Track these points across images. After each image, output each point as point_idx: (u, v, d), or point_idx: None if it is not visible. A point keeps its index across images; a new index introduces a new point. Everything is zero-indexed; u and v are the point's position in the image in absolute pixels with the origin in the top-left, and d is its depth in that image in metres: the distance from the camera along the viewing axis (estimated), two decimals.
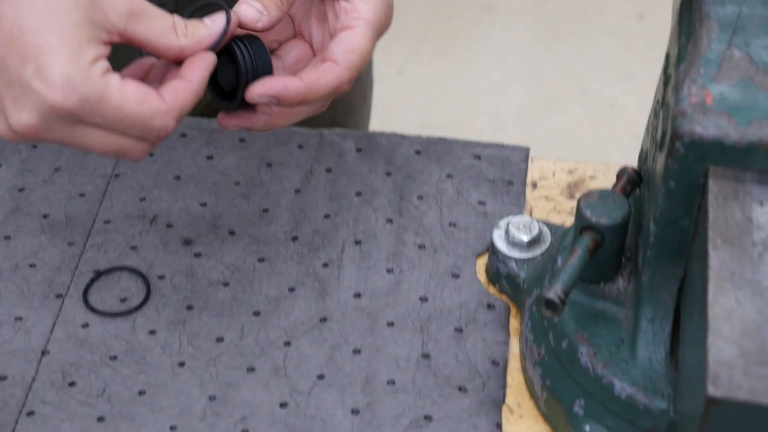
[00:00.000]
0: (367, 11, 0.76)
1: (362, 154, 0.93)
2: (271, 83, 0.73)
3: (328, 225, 0.88)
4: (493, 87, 2.64)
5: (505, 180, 0.91)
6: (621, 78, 2.65)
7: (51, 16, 0.66)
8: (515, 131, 2.53)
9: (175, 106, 0.69)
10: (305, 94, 0.74)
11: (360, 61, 0.76)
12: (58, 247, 0.86)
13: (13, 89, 0.66)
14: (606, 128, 2.53)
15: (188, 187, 0.90)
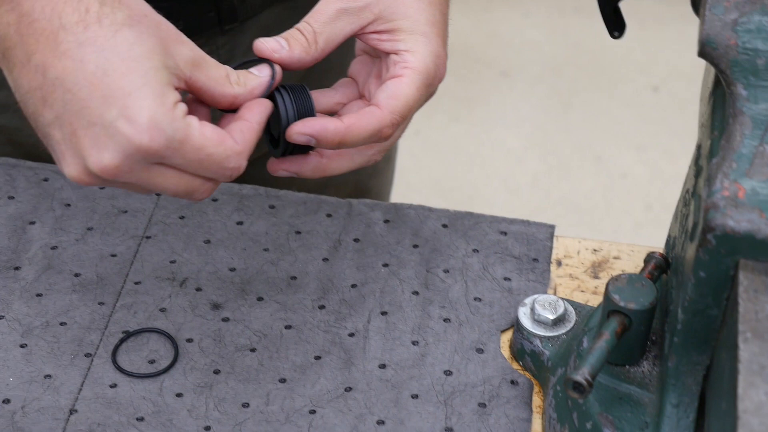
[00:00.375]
0: (415, 61, 0.78)
1: (390, 225, 0.95)
2: (311, 123, 0.75)
3: (354, 295, 0.89)
4: (507, 152, 2.66)
5: (531, 257, 0.92)
6: (634, 148, 2.67)
7: (134, 59, 0.67)
8: (529, 197, 2.55)
9: (246, 147, 0.72)
10: (344, 134, 0.75)
11: (404, 106, 0.77)
12: (89, 307, 0.87)
13: (93, 131, 0.68)
14: (618, 198, 2.55)
15: (218, 252, 0.92)
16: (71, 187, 0.96)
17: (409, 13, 0.78)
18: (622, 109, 2.77)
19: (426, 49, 0.78)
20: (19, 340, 0.84)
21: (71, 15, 0.68)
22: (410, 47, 0.78)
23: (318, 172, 0.79)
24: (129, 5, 0.69)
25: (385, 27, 0.79)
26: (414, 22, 0.78)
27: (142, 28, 0.69)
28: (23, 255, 0.91)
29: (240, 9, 1.01)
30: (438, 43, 0.79)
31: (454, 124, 2.73)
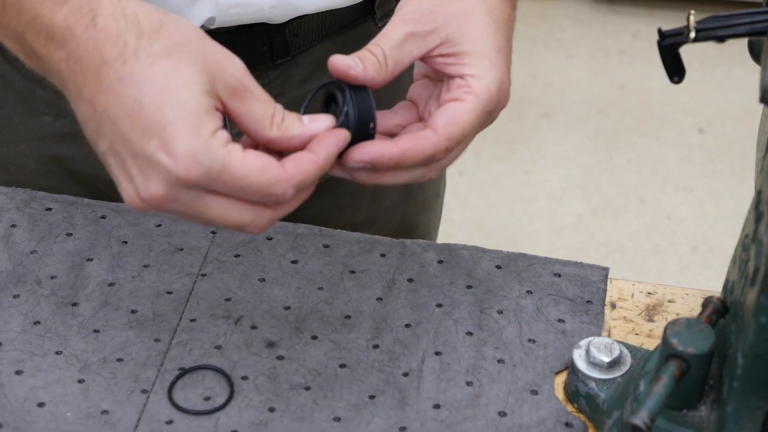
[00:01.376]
0: (478, 87, 0.77)
1: (443, 265, 0.95)
2: (367, 150, 0.75)
3: (408, 335, 0.89)
4: (550, 193, 2.66)
5: (585, 299, 0.92)
6: (679, 190, 2.66)
7: (168, 90, 0.69)
8: (572, 238, 2.54)
9: (295, 175, 0.72)
10: (399, 160, 0.76)
11: (461, 133, 0.77)
12: (145, 343, 0.88)
13: (138, 161, 0.70)
14: (663, 240, 2.54)
15: (273, 290, 0.93)
16: (128, 224, 0.97)
17: (476, 38, 0.78)
18: (667, 151, 2.77)
19: (490, 75, 0.78)
20: (76, 376, 0.85)
21: (111, 51, 0.69)
22: (475, 72, 0.78)
23: (371, 180, 0.78)
24: (169, 35, 0.70)
25: (451, 50, 0.78)
26: (481, 47, 0.78)
27: (182, 56, 0.70)
28: (81, 291, 0.92)
29: (292, 43, 1.02)
30: (503, 69, 0.79)
31: (497, 164, 2.73)
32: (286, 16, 0.98)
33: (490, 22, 0.79)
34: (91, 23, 0.70)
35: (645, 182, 2.69)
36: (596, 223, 2.59)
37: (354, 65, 0.76)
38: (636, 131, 2.83)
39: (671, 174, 2.71)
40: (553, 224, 2.58)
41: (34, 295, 0.91)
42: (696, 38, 0.73)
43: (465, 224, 2.56)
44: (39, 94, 1.02)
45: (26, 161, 1.05)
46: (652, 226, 2.58)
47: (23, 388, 0.84)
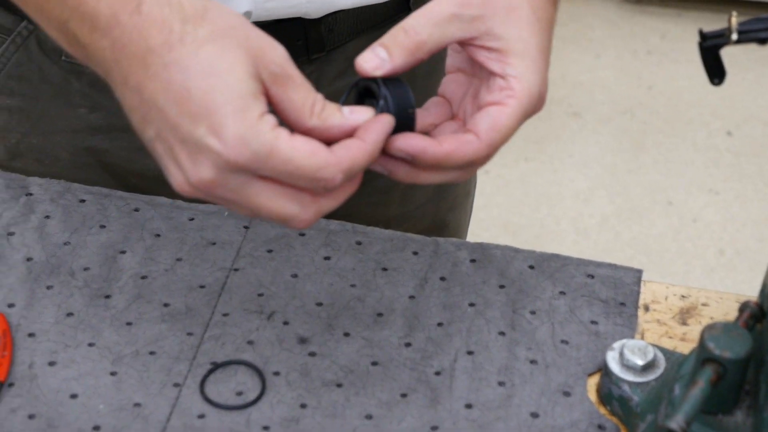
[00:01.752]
0: (521, 90, 0.76)
1: (476, 265, 0.95)
2: (414, 141, 0.74)
3: (441, 333, 0.89)
4: (577, 193, 2.65)
5: (618, 301, 0.92)
6: (706, 192, 2.65)
7: (214, 75, 0.69)
8: (597, 238, 2.54)
9: (343, 160, 0.71)
10: (441, 160, 0.75)
11: (502, 140, 0.76)
12: (178, 337, 0.88)
13: (187, 147, 0.70)
14: (689, 242, 2.53)
15: (305, 286, 0.92)
16: (161, 218, 0.97)
17: (522, 36, 0.77)
18: (695, 153, 2.76)
19: (533, 78, 0.76)
20: (109, 368, 0.85)
21: (157, 37, 0.70)
22: (519, 73, 0.76)
23: (409, 178, 0.78)
24: (213, 20, 0.70)
25: (495, 45, 0.77)
26: (525, 47, 0.76)
27: (226, 42, 0.70)
28: (114, 284, 0.92)
29: (327, 38, 1.02)
30: (544, 72, 0.77)
31: (523, 162, 2.72)
32: (322, 11, 0.98)
33: (535, 21, 0.77)
34: (136, 10, 0.70)
35: (672, 184, 2.68)
36: (622, 224, 2.58)
37: (381, 64, 0.76)
38: (663, 132, 2.82)
39: (698, 176, 2.70)
40: (578, 224, 2.57)
41: (67, 287, 0.91)
42: (738, 40, 0.73)
43: (491, 223, 2.55)
44: (75, 86, 1.02)
45: (61, 153, 1.05)
46: (679, 228, 2.57)
47: (56, 379, 0.84)
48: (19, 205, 0.98)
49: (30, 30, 1.01)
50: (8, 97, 1.05)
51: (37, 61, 1.02)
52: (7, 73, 1.04)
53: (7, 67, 1.03)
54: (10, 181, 1.00)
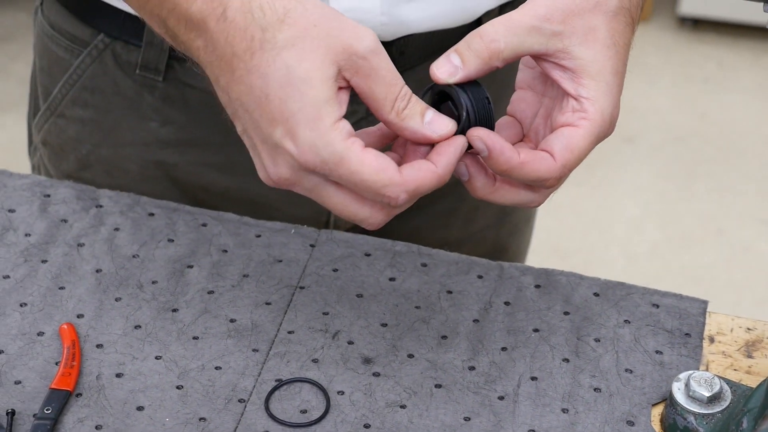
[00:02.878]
0: (594, 113, 0.76)
1: (541, 290, 0.95)
2: (493, 136, 0.75)
3: (504, 358, 0.89)
4: (627, 219, 2.64)
5: (683, 332, 0.91)
6: (758, 223, 2.64)
7: (291, 84, 0.72)
8: (647, 265, 2.53)
9: (410, 182, 0.73)
10: (514, 167, 0.75)
11: (576, 161, 0.77)
12: (243, 353, 0.89)
13: (267, 146, 0.74)
14: (740, 272, 2.51)
15: (370, 306, 0.93)
16: (228, 233, 0.98)
17: (598, 58, 0.77)
18: (747, 183, 2.74)
19: (606, 101, 0.77)
20: (175, 382, 0.86)
21: (240, 44, 0.73)
22: (592, 95, 0.76)
23: (484, 191, 0.78)
24: (293, 22, 0.72)
25: (571, 65, 0.77)
26: (601, 69, 0.77)
27: (305, 45, 0.72)
28: (181, 298, 0.93)
29: (398, 61, 1.02)
30: (617, 95, 0.78)
31: (575, 187, 2.72)
32: (395, 34, 0.99)
33: (612, 44, 0.77)
34: (222, 16, 0.73)
35: (723, 213, 2.66)
36: (672, 252, 2.57)
37: (455, 72, 0.76)
38: (715, 161, 2.80)
39: (750, 206, 2.68)
40: (628, 251, 2.56)
41: (135, 299, 0.92)
42: None
43: (540, 247, 2.54)
44: (147, 99, 1.04)
45: (130, 165, 1.07)
46: (729, 257, 2.55)
47: (123, 390, 0.85)
48: (89, 216, 0.99)
49: (106, 43, 1.03)
50: (82, 108, 1.06)
51: (112, 74, 1.04)
52: (82, 85, 1.05)
53: (82, 78, 1.05)
54: (80, 192, 1.01)
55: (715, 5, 3.05)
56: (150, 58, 1.02)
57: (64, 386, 0.84)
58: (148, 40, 1.01)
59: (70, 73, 1.06)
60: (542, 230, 2.58)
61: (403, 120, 0.74)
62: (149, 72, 1.03)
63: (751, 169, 2.78)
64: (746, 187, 2.73)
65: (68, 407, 0.84)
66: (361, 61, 0.72)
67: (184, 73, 1.02)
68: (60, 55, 1.06)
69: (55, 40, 1.06)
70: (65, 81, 1.06)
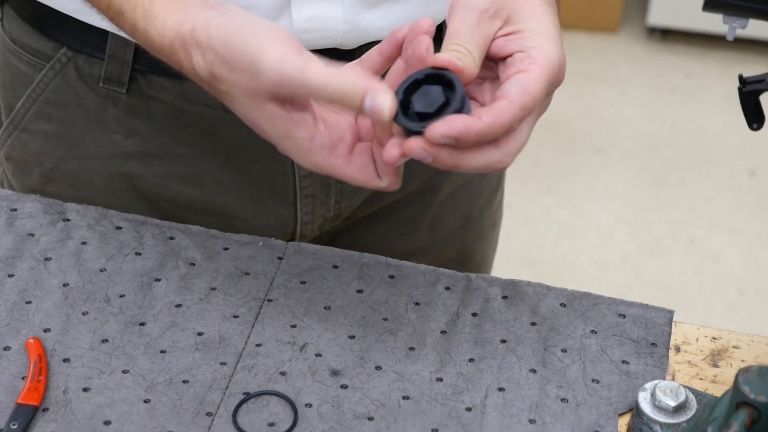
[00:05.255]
0: (542, 57, 0.79)
1: (508, 301, 0.95)
2: (455, 124, 0.75)
3: (472, 369, 0.90)
4: (598, 228, 2.66)
5: (649, 341, 0.92)
6: (728, 232, 2.65)
7: None
8: (618, 274, 2.54)
9: None
10: (485, 134, 0.76)
11: (533, 103, 0.78)
12: (211, 366, 0.89)
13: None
14: (710, 280, 2.53)
15: (338, 319, 0.93)
16: (196, 246, 0.98)
17: (536, 16, 0.81)
18: (717, 192, 2.76)
19: (552, 48, 0.80)
20: (143, 395, 0.86)
21: None
22: (537, 44, 0.79)
23: (451, 161, 0.78)
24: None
25: (512, 29, 0.81)
26: (541, 24, 0.81)
27: None
28: (149, 311, 0.93)
29: None
30: (560, 46, 0.81)
31: (545, 197, 2.73)
32: (357, 41, 0.99)
33: (545, 4, 0.82)
34: None
35: (694, 222, 2.68)
36: (643, 261, 2.58)
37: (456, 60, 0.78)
38: (686, 170, 2.82)
39: (720, 215, 2.70)
40: (599, 260, 2.57)
41: (102, 313, 0.92)
42: None
43: (511, 256, 2.56)
44: (111, 112, 1.03)
45: (95, 178, 1.06)
46: (700, 266, 2.57)
47: (90, 405, 0.85)
48: (56, 230, 0.99)
49: (68, 57, 1.02)
50: (45, 122, 1.06)
51: (75, 88, 1.04)
52: (45, 99, 1.05)
53: (45, 92, 1.05)
54: (47, 206, 1.01)
55: (683, 16, 3.07)
56: (113, 71, 1.02)
57: (30, 401, 0.84)
58: (110, 53, 1.01)
59: (32, 88, 1.06)
60: (513, 240, 2.60)
61: None
62: (112, 84, 1.03)
63: (720, 178, 2.80)
64: (716, 195, 2.75)
65: (35, 422, 0.83)
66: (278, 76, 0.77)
67: (148, 86, 1.02)
68: (22, 70, 1.06)
69: (17, 54, 1.05)
70: (28, 95, 1.06)
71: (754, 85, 0.75)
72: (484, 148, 0.79)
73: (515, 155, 0.81)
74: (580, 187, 2.76)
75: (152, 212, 1.06)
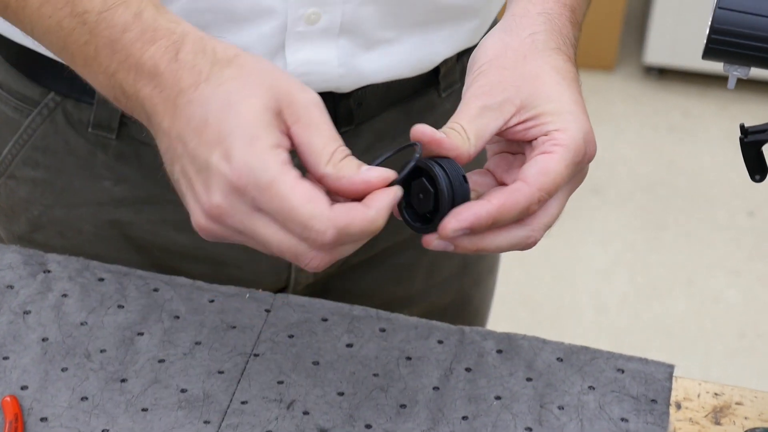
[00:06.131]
0: (565, 138, 0.76)
1: (503, 356, 0.92)
2: (464, 215, 0.73)
3: (465, 427, 0.86)
4: (597, 270, 2.63)
5: (649, 398, 0.89)
6: (727, 273, 2.62)
7: (230, 106, 0.71)
8: (617, 317, 2.50)
9: (340, 219, 0.70)
10: (496, 217, 0.74)
11: (552, 184, 0.75)
12: (194, 425, 0.86)
13: (203, 175, 0.72)
14: (710, 322, 2.49)
15: (327, 374, 0.90)
16: (181, 299, 0.95)
17: (552, 96, 0.78)
18: (716, 232, 2.73)
19: (575, 126, 0.77)
20: None
21: (187, 79, 0.73)
22: (559, 126, 0.77)
23: (474, 245, 0.76)
24: (241, 64, 0.73)
25: (530, 114, 0.78)
26: (559, 103, 0.77)
27: (250, 80, 0.72)
28: (130, 367, 0.89)
29: (356, 112, 1.01)
30: (585, 120, 0.78)
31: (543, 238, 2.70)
32: (353, 85, 0.97)
33: (561, 80, 0.79)
34: (174, 58, 0.73)
35: (692, 263, 2.65)
36: (642, 303, 2.55)
37: (438, 133, 0.75)
38: (684, 211, 2.79)
39: (719, 256, 2.67)
40: (598, 302, 2.54)
41: (82, 369, 0.89)
42: None
43: (509, 298, 2.52)
44: (100, 158, 1.01)
45: (84, 226, 1.04)
46: (699, 308, 2.53)
47: None
48: (36, 282, 0.96)
49: (57, 102, 1.00)
50: (33, 169, 1.03)
51: (63, 133, 1.01)
52: (32, 145, 1.02)
53: (32, 138, 1.02)
54: (28, 257, 0.98)
55: (680, 54, 3.05)
56: (102, 116, 0.99)
57: None
58: (100, 98, 0.98)
59: (20, 133, 1.03)
60: (511, 282, 2.56)
61: (340, 170, 0.72)
62: (102, 130, 1.00)
63: (719, 218, 2.77)
64: (715, 236, 2.72)
65: None
66: (303, 111, 0.72)
67: (138, 131, 0.99)
68: (9, 115, 1.03)
69: (4, 99, 1.03)
70: (15, 141, 1.03)
71: (757, 135, 0.72)
72: (508, 227, 0.77)
73: (545, 230, 0.79)
74: (578, 228, 2.74)
75: (143, 260, 1.03)
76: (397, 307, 1.02)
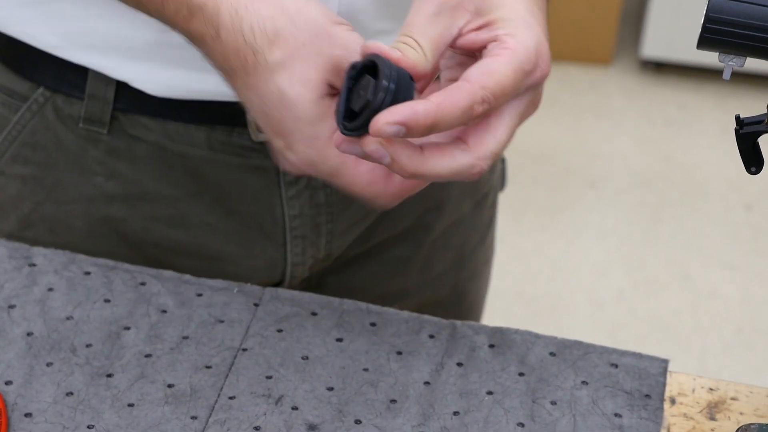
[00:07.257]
0: (515, 43, 0.73)
1: (495, 350, 0.91)
2: (398, 109, 0.69)
3: (456, 423, 0.85)
4: (592, 264, 2.61)
5: (643, 393, 0.88)
6: (724, 267, 2.61)
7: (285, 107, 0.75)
8: (613, 311, 2.49)
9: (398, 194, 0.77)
10: (435, 117, 0.69)
11: (497, 85, 0.71)
12: (181, 420, 0.84)
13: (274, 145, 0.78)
14: (707, 317, 2.48)
15: (316, 369, 0.89)
16: (168, 293, 0.94)
17: (506, 2, 0.75)
18: (712, 227, 2.72)
19: (527, 33, 0.73)
20: None
21: (234, 62, 0.76)
22: (510, 32, 0.73)
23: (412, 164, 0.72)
24: (283, 44, 0.74)
25: (482, 21, 0.75)
26: (512, 11, 0.74)
27: (296, 67, 0.74)
28: (116, 362, 0.88)
29: None
30: (539, 32, 0.74)
31: (539, 232, 2.69)
32: None
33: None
34: (217, 36, 0.76)
35: (689, 257, 2.64)
36: (638, 297, 2.53)
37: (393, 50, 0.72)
38: (681, 205, 2.78)
39: (716, 251, 2.66)
40: (593, 296, 2.53)
41: (68, 364, 0.88)
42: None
43: (504, 292, 2.51)
44: (91, 153, 0.99)
45: (75, 222, 1.02)
46: (696, 303, 2.52)
47: None
48: (21, 276, 0.94)
49: (46, 97, 0.98)
50: (22, 165, 1.02)
51: (53, 129, 0.99)
52: (22, 141, 1.01)
53: (21, 134, 1.00)
54: (13, 251, 0.96)
55: (677, 49, 3.04)
56: (93, 111, 0.97)
57: None
58: (90, 92, 0.97)
59: (9, 130, 1.01)
60: (507, 276, 2.55)
61: None
62: (93, 125, 0.98)
63: (715, 212, 2.76)
64: (711, 230, 2.71)
65: None
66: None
67: (130, 125, 0.98)
68: None
69: None
70: (4, 138, 1.02)
71: (752, 127, 0.71)
72: (449, 150, 0.73)
73: (490, 159, 0.74)
74: (574, 222, 2.72)
75: (136, 257, 1.02)
76: (393, 302, 1.00)
